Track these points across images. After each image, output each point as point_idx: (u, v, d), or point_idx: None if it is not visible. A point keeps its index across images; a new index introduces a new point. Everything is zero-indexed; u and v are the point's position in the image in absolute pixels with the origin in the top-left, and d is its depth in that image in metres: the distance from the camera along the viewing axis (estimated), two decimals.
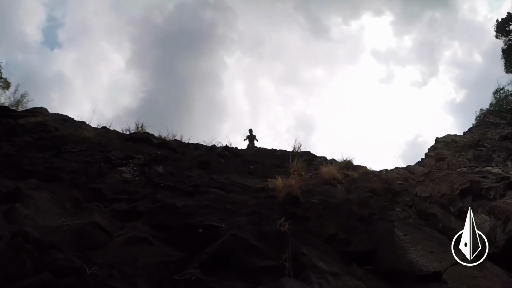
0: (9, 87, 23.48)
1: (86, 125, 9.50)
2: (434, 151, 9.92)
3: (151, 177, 5.77)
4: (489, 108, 20.49)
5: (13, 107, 23.00)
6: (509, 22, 20.70)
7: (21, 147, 7.32)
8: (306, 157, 7.84)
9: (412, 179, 8.47)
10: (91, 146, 6.89)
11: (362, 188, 6.04)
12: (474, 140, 10.42)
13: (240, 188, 5.61)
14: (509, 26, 20.80)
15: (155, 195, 5.12)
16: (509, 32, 20.90)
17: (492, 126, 13.00)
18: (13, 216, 4.56)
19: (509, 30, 20.86)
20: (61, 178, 6.00)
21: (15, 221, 4.51)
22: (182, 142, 8.79)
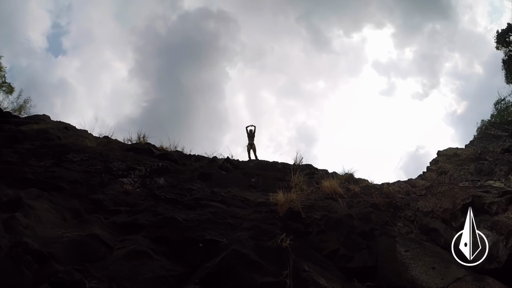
0: (12, 92, 23.75)
1: (88, 134, 9.52)
2: (435, 164, 9.90)
3: (152, 189, 5.76)
4: (490, 120, 20.51)
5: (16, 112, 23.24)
6: (509, 33, 20.82)
7: (23, 154, 7.34)
8: (308, 170, 7.82)
9: (414, 192, 8.44)
10: (92, 156, 6.89)
11: (363, 203, 6.02)
12: (476, 153, 10.41)
13: (241, 202, 5.60)
14: (509, 37, 20.92)
15: (155, 207, 5.12)
16: (509, 43, 21.01)
17: (494, 139, 13.00)
18: (13, 225, 4.55)
19: (509, 41, 20.97)
20: (62, 188, 6.00)
21: (15, 230, 4.50)
22: (183, 153, 8.80)
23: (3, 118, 11.30)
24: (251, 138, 13.85)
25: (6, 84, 23.63)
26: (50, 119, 10.68)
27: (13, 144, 8.02)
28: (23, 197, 5.16)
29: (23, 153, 7.39)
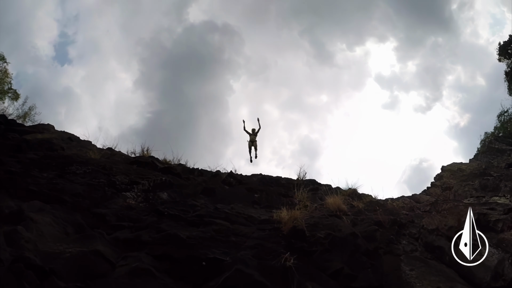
0: (18, 99, 23.97)
1: (91, 145, 9.53)
2: (440, 180, 9.84)
3: (155, 204, 5.73)
4: (494, 132, 20.44)
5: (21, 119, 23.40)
6: (511, 45, 20.92)
7: (26, 164, 7.34)
8: (311, 186, 7.78)
9: (418, 208, 8.39)
10: (95, 169, 6.88)
11: (368, 221, 5.97)
12: (480, 168, 10.36)
13: (244, 219, 5.56)
14: (511, 48, 21.01)
15: (159, 224, 5.08)
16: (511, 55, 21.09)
17: (498, 153, 12.94)
18: (15, 239, 4.53)
19: (511, 53, 21.06)
20: (64, 201, 5.97)
21: (16, 244, 4.48)
22: (186, 167, 8.80)
23: (8, 126, 11.34)
24: (253, 136, 13.68)
25: (12, 90, 23.90)
26: (54, 128, 10.72)
27: (17, 153, 8.04)
28: (26, 210, 5.15)
29: (27, 163, 7.39)
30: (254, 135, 13.74)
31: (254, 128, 13.96)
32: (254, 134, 13.76)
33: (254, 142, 13.72)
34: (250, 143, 13.74)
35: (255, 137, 13.73)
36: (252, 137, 13.74)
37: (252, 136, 13.74)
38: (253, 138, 13.73)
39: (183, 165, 8.94)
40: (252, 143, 13.70)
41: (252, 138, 13.74)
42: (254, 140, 13.73)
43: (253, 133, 13.80)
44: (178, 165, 8.68)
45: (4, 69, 23.46)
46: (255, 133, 13.80)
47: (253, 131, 13.89)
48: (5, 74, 23.36)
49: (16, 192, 5.95)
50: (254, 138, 13.72)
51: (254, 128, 13.96)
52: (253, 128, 13.96)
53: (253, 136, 13.73)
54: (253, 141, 13.72)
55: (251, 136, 13.75)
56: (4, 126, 10.89)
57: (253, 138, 13.74)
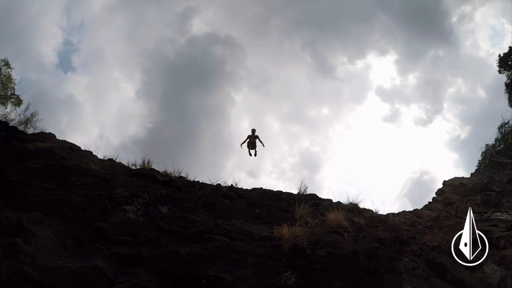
0: (20, 104, 24.05)
1: (92, 155, 9.51)
2: (441, 195, 9.79)
3: (155, 218, 5.69)
4: (494, 144, 20.41)
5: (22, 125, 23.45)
6: (511, 56, 21.03)
7: (26, 174, 7.31)
8: (312, 201, 7.74)
9: (420, 224, 8.32)
10: (96, 181, 6.86)
11: (369, 237, 5.92)
12: (482, 183, 10.30)
13: (245, 236, 5.51)
14: (511, 60, 21.12)
15: (158, 239, 5.04)
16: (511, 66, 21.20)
17: (500, 166, 12.89)
18: (13, 251, 4.50)
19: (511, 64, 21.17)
20: (64, 213, 5.93)
21: (15, 257, 4.44)
22: (187, 180, 8.78)
23: (9, 133, 11.31)
24: (252, 137, 13.62)
25: (15, 96, 23.99)
26: (56, 137, 10.71)
27: (18, 161, 8.01)
28: (25, 222, 5.11)
29: (27, 172, 7.37)
30: (253, 137, 13.68)
31: (254, 129, 13.96)
32: (253, 136, 13.70)
33: (253, 143, 13.65)
34: (249, 144, 13.70)
35: (254, 138, 13.66)
36: (252, 138, 13.69)
37: (251, 138, 13.70)
38: (252, 139, 13.66)
39: (183, 177, 8.93)
40: (250, 143, 13.66)
41: (251, 139, 13.68)
42: (253, 141, 13.65)
43: (253, 134, 13.75)
44: (178, 178, 8.66)
45: (8, 74, 23.60)
46: (255, 135, 13.73)
47: (253, 131, 13.86)
48: (9, 80, 23.49)
49: (16, 203, 5.92)
50: (253, 139, 13.65)
51: (254, 129, 13.96)
52: (253, 129, 13.99)
53: (252, 137, 13.68)
54: (252, 143, 13.66)
55: (250, 138, 13.72)
56: (5, 133, 10.87)
57: (252, 139, 13.67)
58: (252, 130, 14.03)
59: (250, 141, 13.70)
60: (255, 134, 13.78)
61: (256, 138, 13.73)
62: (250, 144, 13.77)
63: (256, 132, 13.93)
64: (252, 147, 13.85)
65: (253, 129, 14.09)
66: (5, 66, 23.61)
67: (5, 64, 23.60)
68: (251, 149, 13.89)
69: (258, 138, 13.76)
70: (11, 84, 23.18)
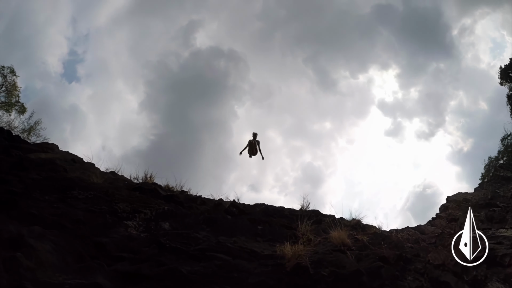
0: (24, 112, 24.34)
1: (94, 168, 9.53)
2: (445, 211, 9.71)
3: (157, 235, 5.66)
4: (497, 156, 20.33)
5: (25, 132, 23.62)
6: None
7: (28, 185, 7.31)
8: (315, 218, 7.70)
9: (423, 240, 8.25)
10: (98, 195, 6.84)
11: (372, 256, 5.86)
12: (486, 198, 10.23)
13: (247, 254, 5.46)
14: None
15: (160, 257, 4.99)
16: None
17: (504, 181, 12.82)
18: (13, 266, 4.47)
19: None
20: (65, 227, 5.91)
21: (15, 272, 4.41)
22: (189, 194, 8.77)
23: (12, 142, 11.36)
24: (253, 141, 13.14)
25: (19, 103, 24.28)
26: (58, 148, 10.76)
27: (20, 172, 8.02)
28: (25, 235, 5.09)
29: (28, 184, 7.37)
30: (254, 141, 13.17)
31: (256, 133, 13.40)
32: (254, 140, 13.20)
33: (254, 149, 13.16)
34: (250, 149, 13.21)
35: (255, 143, 13.15)
36: (253, 142, 13.18)
37: (252, 142, 13.18)
38: (253, 143, 13.15)
39: (185, 192, 8.91)
40: (251, 149, 13.15)
41: (252, 144, 13.16)
42: (254, 146, 13.15)
43: (254, 139, 13.24)
44: (180, 193, 8.65)
45: (13, 82, 23.94)
46: (256, 140, 13.22)
47: (254, 136, 13.32)
48: (14, 87, 23.80)
49: (17, 215, 5.90)
50: (254, 144, 13.14)
51: (256, 133, 13.40)
52: (254, 132, 13.41)
53: (253, 142, 13.17)
54: (253, 148, 13.17)
55: (251, 142, 13.21)
56: (8, 142, 10.92)
57: (253, 144, 13.15)
58: (253, 134, 13.40)
59: (251, 146, 13.17)
60: (257, 139, 13.25)
61: (258, 144, 13.20)
62: (251, 149, 13.25)
63: (257, 137, 13.33)
64: (252, 153, 13.31)
65: (255, 133, 13.44)
66: (10, 73, 23.97)
67: (10, 72, 23.96)
68: (251, 154, 13.36)
69: (258, 144, 13.24)
70: (16, 92, 23.50)
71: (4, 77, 23.68)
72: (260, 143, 13.38)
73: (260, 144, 13.36)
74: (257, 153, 13.37)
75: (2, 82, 23.72)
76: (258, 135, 13.46)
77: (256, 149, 13.25)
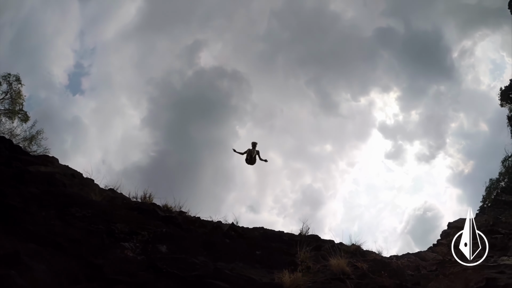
0: (27, 121, 24.55)
1: (93, 184, 9.47)
2: (446, 238, 9.60)
3: (154, 258, 5.56)
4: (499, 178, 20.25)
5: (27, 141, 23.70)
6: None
7: (26, 199, 7.24)
8: (314, 244, 7.61)
9: (424, 267, 8.15)
10: (95, 213, 6.76)
11: (372, 285, 5.76)
12: (487, 224, 10.15)
13: (245, 282, 5.34)
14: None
15: (156, 282, 4.88)
16: None
17: (506, 206, 12.74)
18: (7, 285, 4.40)
19: None
20: (61, 246, 5.82)
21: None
22: (188, 216, 8.69)
23: (13, 153, 11.33)
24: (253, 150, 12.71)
25: (23, 112, 24.49)
26: (58, 162, 10.72)
27: (19, 184, 7.98)
28: (21, 253, 5.02)
29: (27, 197, 7.32)
30: (254, 151, 12.71)
31: (255, 142, 12.96)
32: (254, 150, 12.72)
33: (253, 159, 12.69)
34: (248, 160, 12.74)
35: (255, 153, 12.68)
36: (252, 152, 12.71)
37: (251, 152, 12.72)
38: (252, 153, 12.69)
39: (184, 213, 8.84)
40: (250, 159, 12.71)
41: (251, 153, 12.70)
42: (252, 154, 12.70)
43: (253, 148, 12.78)
44: (179, 213, 8.58)
45: (18, 90, 24.20)
46: (256, 150, 12.72)
47: (254, 145, 12.87)
48: (18, 95, 24.05)
49: (13, 230, 5.85)
50: (253, 153, 12.69)
51: (255, 142, 12.96)
52: (254, 142, 12.96)
53: (252, 152, 12.71)
54: (252, 159, 12.72)
55: (250, 152, 12.73)
56: (9, 153, 10.91)
57: (252, 153, 12.69)
58: (252, 143, 12.94)
59: (250, 155, 12.72)
60: (256, 149, 12.80)
61: (258, 154, 12.76)
62: (249, 158, 12.80)
63: (257, 147, 12.83)
64: (250, 162, 12.87)
65: (254, 142, 12.97)
66: (16, 81, 24.26)
67: (16, 80, 24.27)
68: (249, 163, 12.92)
69: (258, 154, 12.81)
70: (20, 100, 23.74)
71: (9, 85, 23.97)
72: (260, 152, 12.95)
73: (260, 153, 12.93)
74: (255, 163, 12.98)
75: (7, 89, 24.00)
76: (258, 144, 13.00)
77: (255, 158, 12.82)
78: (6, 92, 23.98)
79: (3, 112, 23.92)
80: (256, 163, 13.00)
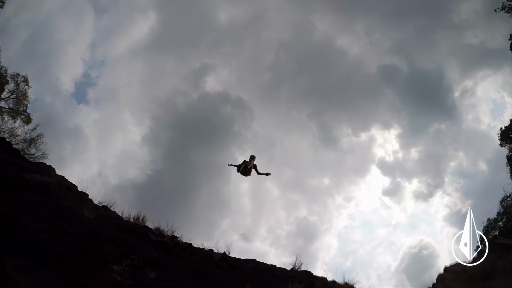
0: (29, 123, 24.77)
1: (87, 199, 9.41)
2: (442, 282, 9.39)
3: (142, 285, 5.44)
4: (496, 218, 20.10)
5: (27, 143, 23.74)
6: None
7: (18, 207, 7.15)
8: (306, 281, 7.45)
9: None
10: (87, 231, 6.63)
11: None
12: (485, 270, 9.93)
13: None
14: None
15: None
16: None
17: (504, 250, 12.55)
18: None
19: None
20: (49, 263, 5.71)
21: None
22: (179, 241, 8.57)
23: (11, 156, 11.26)
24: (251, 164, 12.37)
25: (26, 113, 24.72)
26: (55, 172, 10.63)
27: (13, 190, 7.89)
28: (7, 267, 4.91)
29: (19, 206, 7.22)
30: (251, 165, 12.39)
31: (254, 156, 12.60)
32: (251, 163, 12.40)
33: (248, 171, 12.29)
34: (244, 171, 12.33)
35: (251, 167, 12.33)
36: (249, 165, 12.38)
37: (248, 164, 12.39)
38: (249, 166, 12.35)
39: (176, 238, 8.72)
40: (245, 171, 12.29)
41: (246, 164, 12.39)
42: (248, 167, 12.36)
43: (251, 162, 12.47)
44: (171, 238, 8.46)
45: (25, 91, 24.52)
46: (253, 164, 12.40)
47: (252, 158, 12.55)
48: (24, 96, 24.40)
49: (1, 239, 5.74)
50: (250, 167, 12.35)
51: (254, 156, 12.60)
52: (253, 155, 12.60)
53: (249, 165, 12.39)
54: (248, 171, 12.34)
55: (247, 164, 12.39)
56: (7, 156, 10.84)
57: (247, 165, 12.37)
58: (251, 156, 12.63)
59: (245, 167, 12.39)
60: (254, 163, 12.49)
61: (255, 168, 12.46)
62: (244, 170, 12.45)
63: (255, 161, 12.55)
64: (244, 173, 12.49)
65: (253, 155, 12.65)
66: (23, 82, 24.61)
67: (24, 81, 24.65)
68: (244, 174, 12.52)
69: (256, 168, 12.50)
70: (25, 101, 24.05)
71: (16, 85, 24.34)
72: (257, 166, 12.71)
73: (257, 168, 12.65)
74: (250, 175, 12.59)
75: (14, 88, 24.31)
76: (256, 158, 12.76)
77: (250, 169, 12.47)
78: (13, 92, 24.31)
79: (7, 111, 24.10)
80: (251, 175, 12.61)
